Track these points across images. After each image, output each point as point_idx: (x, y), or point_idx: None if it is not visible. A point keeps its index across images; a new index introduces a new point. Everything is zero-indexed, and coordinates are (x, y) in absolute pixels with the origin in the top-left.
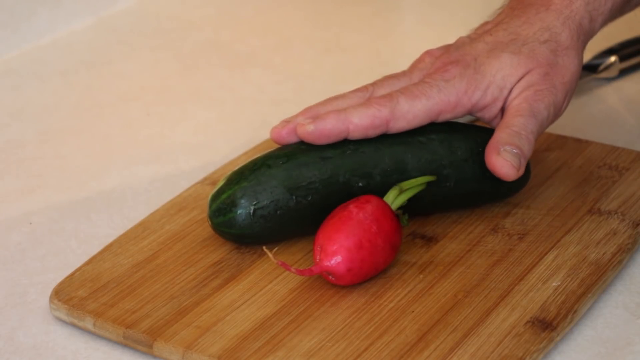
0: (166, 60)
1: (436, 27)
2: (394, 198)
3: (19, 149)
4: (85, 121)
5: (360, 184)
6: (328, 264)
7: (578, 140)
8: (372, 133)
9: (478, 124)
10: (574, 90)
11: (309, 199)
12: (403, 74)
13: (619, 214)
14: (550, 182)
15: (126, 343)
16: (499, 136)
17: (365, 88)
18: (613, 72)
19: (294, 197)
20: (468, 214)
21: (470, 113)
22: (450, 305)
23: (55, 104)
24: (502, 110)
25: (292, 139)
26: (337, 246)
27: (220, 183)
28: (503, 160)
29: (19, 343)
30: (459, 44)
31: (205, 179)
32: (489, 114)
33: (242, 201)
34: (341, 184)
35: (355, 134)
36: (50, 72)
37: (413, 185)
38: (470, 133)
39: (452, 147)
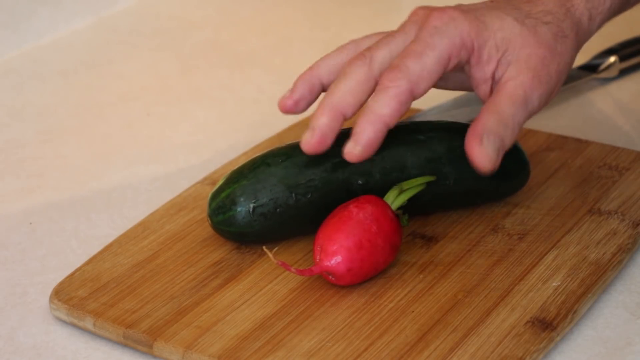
0: (166, 60)
1: None
2: (394, 198)
3: (19, 149)
4: (85, 121)
5: (360, 182)
6: (328, 264)
7: (578, 140)
8: (405, 109)
9: None
10: (562, 82)
11: (309, 196)
12: (397, 31)
13: (619, 214)
14: (550, 182)
15: (126, 343)
16: (486, 120)
17: (361, 55)
18: (613, 72)
19: (293, 195)
20: (468, 214)
21: (467, 66)
22: (450, 305)
23: (55, 104)
24: (493, 81)
25: (325, 145)
26: (337, 246)
27: (220, 182)
28: (484, 153)
29: (19, 343)
30: (456, 5)
31: (205, 178)
32: (481, 74)
33: (242, 199)
34: (340, 182)
35: (393, 123)
36: (50, 72)
37: (413, 185)
38: None
39: (451, 145)
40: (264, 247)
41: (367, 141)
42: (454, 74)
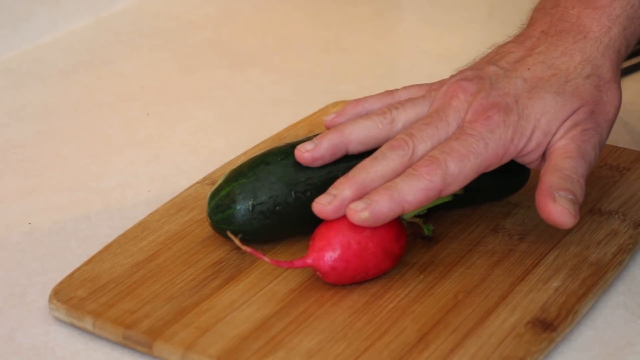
0: (166, 60)
1: (436, 26)
2: None
3: (19, 149)
4: (85, 121)
5: None
6: (310, 260)
7: None
8: (426, 203)
9: None
10: (612, 125)
11: (308, 195)
12: (439, 118)
13: (620, 214)
14: None
15: (126, 343)
16: (551, 180)
17: (404, 143)
18: None
19: (292, 193)
20: (469, 214)
21: (514, 159)
22: (451, 306)
23: (55, 104)
24: (544, 153)
25: (338, 216)
26: (325, 243)
27: (219, 181)
28: (561, 208)
29: (18, 343)
30: (492, 77)
31: (204, 178)
32: (529, 158)
33: (241, 197)
34: None
35: (409, 210)
36: (50, 72)
37: None
38: None
39: None
40: (228, 232)
41: (377, 214)
42: None
